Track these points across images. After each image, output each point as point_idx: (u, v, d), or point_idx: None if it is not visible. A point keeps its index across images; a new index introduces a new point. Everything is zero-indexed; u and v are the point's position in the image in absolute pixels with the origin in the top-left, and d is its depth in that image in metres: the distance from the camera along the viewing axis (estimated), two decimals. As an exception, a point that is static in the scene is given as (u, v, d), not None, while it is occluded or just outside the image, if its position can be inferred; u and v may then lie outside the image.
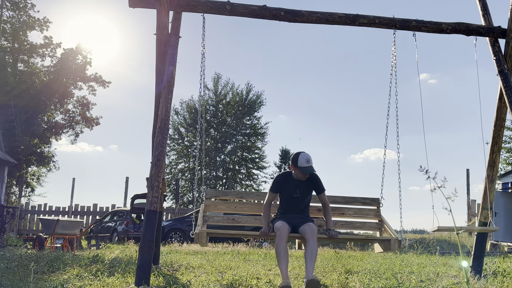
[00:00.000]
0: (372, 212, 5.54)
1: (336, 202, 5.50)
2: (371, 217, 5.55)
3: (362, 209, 5.56)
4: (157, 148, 4.47)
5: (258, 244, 11.87)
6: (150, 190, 4.30)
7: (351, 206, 5.53)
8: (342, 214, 5.49)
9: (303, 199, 4.82)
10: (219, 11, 5.11)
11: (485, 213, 5.48)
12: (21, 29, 23.77)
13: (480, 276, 5.23)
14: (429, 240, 12.21)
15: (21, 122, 21.52)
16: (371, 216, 5.54)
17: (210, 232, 4.76)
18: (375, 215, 5.53)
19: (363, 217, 5.55)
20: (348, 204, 5.54)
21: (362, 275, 5.30)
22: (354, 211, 5.53)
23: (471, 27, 5.49)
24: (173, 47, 4.94)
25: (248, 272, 5.28)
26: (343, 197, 5.55)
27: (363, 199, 5.59)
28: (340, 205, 5.51)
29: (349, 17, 5.29)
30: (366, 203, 5.57)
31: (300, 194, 4.79)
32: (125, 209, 15.65)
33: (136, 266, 4.12)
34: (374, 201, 5.56)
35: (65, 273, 4.91)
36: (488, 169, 5.49)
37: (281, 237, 4.34)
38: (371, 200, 5.58)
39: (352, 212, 5.51)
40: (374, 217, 5.54)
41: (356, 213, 5.53)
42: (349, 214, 5.50)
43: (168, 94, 4.74)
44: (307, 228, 4.45)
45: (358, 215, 5.53)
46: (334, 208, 5.43)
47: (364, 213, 5.55)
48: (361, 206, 5.56)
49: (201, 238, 4.62)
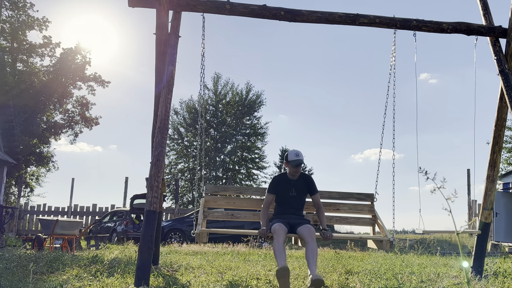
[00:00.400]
0: (366, 208, 5.69)
1: (332, 198, 5.66)
2: (365, 212, 5.70)
3: (357, 204, 5.71)
4: (157, 148, 4.47)
5: (258, 245, 11.87)
6: (149, 190, 4.30)
7: (346, 202, 5.69)
8: (337, 209, 5.66)
9: (299, 198, 5.02)
10: (219, 11, 5.11)
11: (486, 214, 5.49)
12: (20, 28, 23.76)
13: (481, 277, 5.23)
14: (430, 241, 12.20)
15: (20, 122, 21.52)
16: (365, 212, 5.70)
17: (211, 231, 4.92)
18: (369, 210, 5.68)
19: (357, 212, 5.70)
20: (343, 199, 5.71)
21: (363, 276, 5.31)
22: (349, 206, 5.69)
23: (471, 27, 5.50)
24: (173, 47, 4.94)
25: (248, 273, 5.29)
26: (339, 193, 5.71)
27: (358, 195, 5.74)
28: (335, 201, 5.68)
29: (349, 16, 5.29)
30: (360, 199, 5.72)
31: (296, 193, 4.98)
32: (125, 209, 15.65)
33: (136, 266, 4.12)
34: (368, 196, 5.71)
35: (64, 274, 4.91)
36: (489, 169, 5.50)
37: (278, 239, 4.47)
38: (365, 195, 5.73)
39: (347, 208, 5.68)
40: (368, 212, 5.70)
41: (351, 209, 5.69)
42: (344, 210, 5.66)
43: (167, 94, 4.75)
44: (305, 230, 4.59)
45: (352, 211, 5.69)
46: (330, 203, 5.61)
47: (358, 208, 5.70)
48: (356, 201, 5.71)
49: (201, 237, 4.76)
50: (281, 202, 5.01)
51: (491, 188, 5.48)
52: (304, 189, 5.05)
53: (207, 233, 4.88)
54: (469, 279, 4.99)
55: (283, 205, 5.00)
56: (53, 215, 18.14)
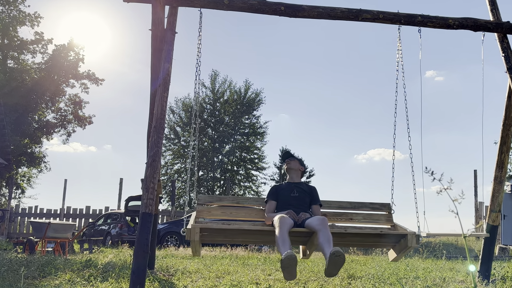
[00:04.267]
0: (383, 217, 5.15)
1: (343, 208, 5.19)
2: (383, 222, 5.15)
3: (372, 214, 5.19)
4: (153, 148, 4.47)
5: (257, 248, 11.87)
6: (145, 192, 4.30)
7: (359, 212, 5.18)
8: (350, 219, 5.12)
9: (302, 199, 4.73)
10: (217, 6, 5.10)
11: (493, 216, 5.48)
12: (11, 24, 23.76)
13: (488, 281, 5.24)
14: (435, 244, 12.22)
15: (11, 121, 21.51)
16: (383, 222, 5.14)
17: (204, 227, 4.29)
18: (386, 220, 5.13)
19: (373, 222, 5.16)
20: (355, 209, 5.21)
21: (366, 280, 5.31)
22: (363, 216, 5.16)
23: (478, 23, 5.49)
24: (169, 43, 4.94)
25: (247, 277, 5.29)
26: (350, 202, 5.22)
27: (372, 204, 5.21)
28: (347, 211, 5.19)
29: (352, 12, 5.29)
30: (375, 209, 5.20)
31: (298, 194, 4.74)
32: (119, 211, 15.64)
33: (131, 271, 4.12)
34: (384, 206, 5.18)
35: (57, 278, 4.90)
36: (497, 170, 5.50)
37: (281, 227, 4.07)
38: (380, 205, 5.20)
39: (361, 217, 5.14)
40: (386, 222, 5.14)
41: (365, 218, 5.15)
42: (358, 220, 5.12)
43: (163, 92, 4.74)
44: (314, 219, 4.22)
45: (367, 220, 5.14)
46: (341, 213, 5.14)
47: (374, 218, 5.16)
48: (370, 211, 5.20)
49: (193, 234, 4.13)
50: (282, 204, 4.70)
51: (499, 189, 5.48)
52: (307, 193, 4.80)
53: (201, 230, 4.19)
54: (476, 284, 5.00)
55: (285, 207, 4.66)
56: (45, 218, 18.12)
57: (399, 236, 4.49)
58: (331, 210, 4.97)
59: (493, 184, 5.51)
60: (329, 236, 3.99)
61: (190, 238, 4.13)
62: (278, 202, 4.72)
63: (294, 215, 4.48)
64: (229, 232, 4.46)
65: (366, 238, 4.64)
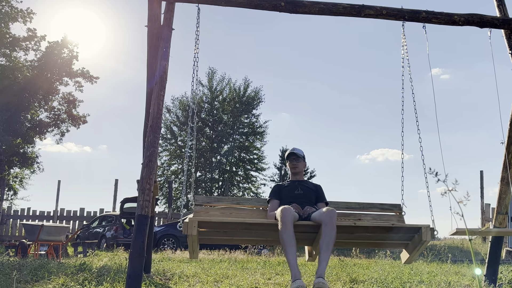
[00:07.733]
0: (394, 218, 5.08)
1: (351, 208, 5.14)
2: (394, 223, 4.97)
3: (382, 215, 5.14)
4: (149, 148, 4.47)
5: (257, 251, 11.88)
6: (141, 193, 4.30)
7: (368, 212, 5.14)
8: (358, 219, 5.07)
9: (307, 196, 4.69)
10: (215, 2, 5.10)
11: (500, 218, 5.48)
12: (2, 20, 23.72)
13: (494, 285, 5.24)
14: (440, 247, 12.22)
15: (3, 121, 21.50)
16: (394, 223, 4.99)
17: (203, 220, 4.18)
18: (398, 221, 5.03)
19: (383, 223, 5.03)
20: (364, 210, 5.15)
21: (369, 285, 5.31)
22: (373, 217, 5.11)
23: (485, 19, 5.49)
24: (166, 40, 4.93)
25: (246, 281, 5.29)
26: (358, 203, 5.16)
27: (382, 205, 5.16)
28: (355, 211, 5.13)
29: (354, 7, 5.29)
30: (385, 209, 5.14)
31: (303, 191, 4.72)
32: (115, 213, 15.65)
33: (126, 275, 4.12)
34: (394, 206, 5.13)
35: (50, 282, 4.90)
36: (503, 170, 5.49)
37: (285, 225, 3.98)
38: (390, 205, 5.14)
39: (371, 218, 5.09)
40: (397, 223, 4.97)
41: (375, 219, 5.09)
42: (367, 221, 5.07)
43: (160, 91, 4.74)
44: (323, 211, 4.14)
45: (377, 221, 5.08)
46: (349, 214, 5.09)
47: (384, 219, 5.10)
48: (380, 212, 5.16)
49: (191, 228, 4.00)
50: (286, 202, 4.58)
51: (506, 191, 5.48)
52: (312, 190, 4.76)
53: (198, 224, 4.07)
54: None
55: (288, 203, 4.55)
56: (38, 220, 18.13)
57: (412, 230, 4.40)
58: (338, 210, 4.86)
59: (500, 185, 5.51)
60: (331, 237, 3.97)
61: (188, 232, 3.99)
62: (282, 201, 4.68)
63: (298, 208, 4.45)
64: (229, 227, 4.34)
65: (376, 234, 4.57)
